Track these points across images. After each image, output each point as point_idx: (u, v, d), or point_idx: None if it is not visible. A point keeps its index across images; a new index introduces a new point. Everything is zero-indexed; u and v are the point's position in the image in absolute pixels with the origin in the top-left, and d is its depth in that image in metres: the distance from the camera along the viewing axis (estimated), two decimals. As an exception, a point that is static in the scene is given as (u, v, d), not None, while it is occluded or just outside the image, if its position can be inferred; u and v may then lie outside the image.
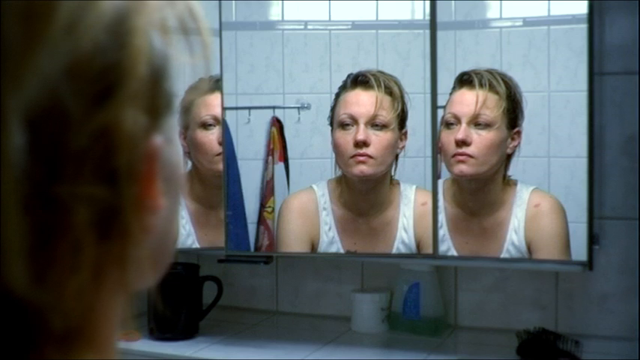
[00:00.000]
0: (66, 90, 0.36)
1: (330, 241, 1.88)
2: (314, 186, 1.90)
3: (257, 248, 1.93)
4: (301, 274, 2.16)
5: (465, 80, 1.75)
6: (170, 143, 0.44)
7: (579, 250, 1.72)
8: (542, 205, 1.76)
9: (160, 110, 0.42)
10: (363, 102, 1.80)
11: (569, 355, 1.72)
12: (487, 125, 1.73)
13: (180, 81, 0.44)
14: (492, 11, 1.83)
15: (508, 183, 1.79)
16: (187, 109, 1.93)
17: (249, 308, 2.20)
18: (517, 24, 1.79)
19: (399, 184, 1.85)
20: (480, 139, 1.73)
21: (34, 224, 0.36)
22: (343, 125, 1.81)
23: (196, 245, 1.99)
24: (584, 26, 1.68)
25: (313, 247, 1.89)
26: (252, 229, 1.93)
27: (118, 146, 0.38)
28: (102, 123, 0.37)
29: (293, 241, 1.89)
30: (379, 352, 1.93)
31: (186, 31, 0.44)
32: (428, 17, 1.78)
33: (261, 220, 1.92)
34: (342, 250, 1.88)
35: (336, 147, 1.83)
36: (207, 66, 0.46)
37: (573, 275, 1.87)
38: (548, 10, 1.76)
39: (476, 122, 1.73)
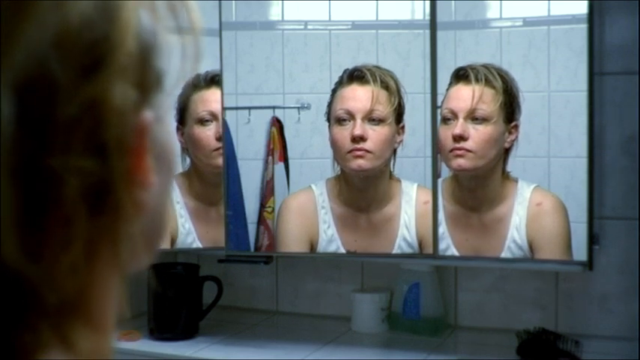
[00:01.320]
0: (54, 61, 0.36)
1: (330, 239, 1.88)
2: (312, 185, 1.90)
3: (257, 248, 1.93)
4: (301, 274, 2.16)
5: (461, 75, 1.76)
6: (160, 122, 0.44)
7: (579, 250, 1.72)
8: (544, 204, 1.76)
9: (149, 86, 0.42)
10: (359, 97, 1.80)
11: (569, 355, 1.72)
12: (484, 120, 1.74)
13: (176, 77, 0.45)
14: (492, 11, 1.83)
15: (508, 178, 1.79)
16: (184, 106, 1.94)
17: (249, 308, 2.20)
18: (517, 24, 1.79)
19: (400, 181, 1.85)
20: (478, 134, 1.74)
21: (26, 197, 0.37)
22: (340, 121, 1.81)
23: (197, 243, 1.99)
24: (584, 26, 1.68)
25: (312, 246, 1.89)
26: (252, 229, 1.93)
27: (108, 119, 0.38)
28: (91, 95, 0.38)
29: (292, 242, 1.89)
30: (379, 352, 1.94)
31: (175, 13, 0.45)
32: (428, 17, 1.78)
33: (261, 220, 1.93)
34: (342, 248, 1.88)
35: (334, 142, 1.83)
36: (197, 48, 0.46)
37: (573, 275, 1.87)
38: (548, 10, 1.76)
39: (473, 117, 1.74)
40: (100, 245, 0.40)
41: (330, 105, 1.85)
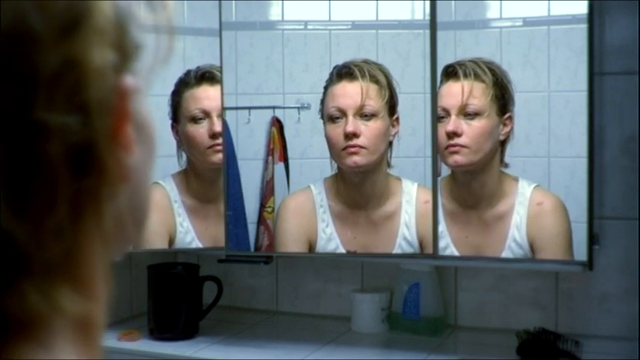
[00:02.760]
0: (35, 18, 0.38)
1: (329, 237, 1.87)
2: (311, 185, 1.90)
3: (257, 248, 1.93)
4: (301, 274, 2.16)
5: (449, 72, 1.76)
6: (140, 95, 0.45)
7: (579, 250, 1.71)
8: (545, 204, 1.76)
9: (127, 52, 0.43)
10: (349, 93, 1.81)
11: (569, 355, 1.72)
12: (476, 114, 1.74)
13: (152, 56, 0.46)
14: (492, 11, 1.83)
15: (507, 175, 1.78)
16: (177, 104, 1.94)
17: (249, 308, 2.20)
18: (517, 24, 1.79)
19: (400, 180, 1.85)
20: (471, 129, 1.74)
21: (11, 153, 0.38)
22: (333, 118, 1.82)
23: (196, 241, 1.99)
24: (584, 26, 1.68)
25: (311, 246, 1.89)
26: (252, 229, 1.93)
27: (87, 78, 0.40)
28: (70, 53, 0.39)
29: (290, 242, 1.89)
30: (379, 352, 1.93)
31: None
32: (428, 17, 1.78)
33: (261, 220, 1.92)
34: (341, 247, 1.88)
35: (328, 140, 1.84)
36: (170, 27, 0.47)
37: (573, 275, 1.87)
38: (548, 10, 1.76)
39: (465, 113, 1.75)
40: (85, 208, 0.41)
41: (322, 102, 1.85)
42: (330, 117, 1.82)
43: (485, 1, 1.84)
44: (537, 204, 1.77)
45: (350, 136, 1.79)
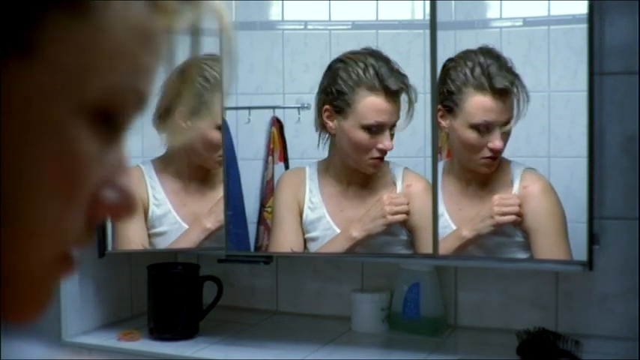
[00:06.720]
0: None
1: (315, 206, 1.88)
2: (307, 166, 1.90)
3: (257, 248, 1.93)
4: (301, 274, 2.16)
5: (497, 87, 1.73)
6: (37, 64, 0.38)
7: (579, 250, 1.71)
8: (529, 188, 1.77)
9: None
10: (389, 111, 1.78)
11: (569, 355, 1.72)
12: (508, 123, 1.75)
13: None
14: (492, 11, 1.83)
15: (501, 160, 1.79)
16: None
17: (249, 308, 2.20)
18: (517, 24, 1.79)
19: (388, 163, 1.85)
20: (504, 137, 1.76)
21: None
22: (369, 129, 1.79)
23: (173, 213, 1.97)
24: (584, 26, 1.68)
25: (301, 213, 1.89)
26: (252, 229, 1.93)
27: None
28: None
29: (284, 210, 1.89)
30: (379, 352, 1.93)
31: None
32: (428, 17, 1.78)
33: (261, 220, 1.93)
34: (327, 216, 1.87)
35: (357, 145, 1.81)
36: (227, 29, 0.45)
37: (573, 275, 1.87)
38: (548, 10, 1.77)
39: (503, 126, 1.75)
40: None
41: (348, 100, 1.79)
42: (366, 126, 1.79)
43: (485, 1, 1.84)
44: (524, 187, 1.78)
45: (384, 151, 1.79)
